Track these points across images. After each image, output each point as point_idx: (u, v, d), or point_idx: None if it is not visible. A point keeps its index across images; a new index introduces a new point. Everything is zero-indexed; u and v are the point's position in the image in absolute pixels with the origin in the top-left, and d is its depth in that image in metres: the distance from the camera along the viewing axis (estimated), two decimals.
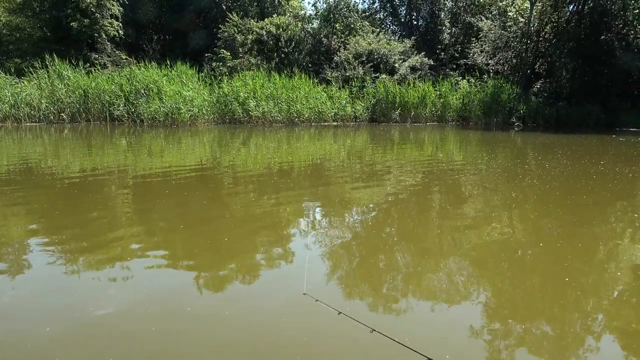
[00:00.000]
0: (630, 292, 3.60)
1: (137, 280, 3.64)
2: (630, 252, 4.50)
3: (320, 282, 3.63)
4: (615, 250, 4.54)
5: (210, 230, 4.94)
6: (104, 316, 3.05)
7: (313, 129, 17.24)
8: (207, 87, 18.50)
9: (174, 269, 3.89)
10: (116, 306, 3.18)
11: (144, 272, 3.81)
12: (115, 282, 3.58)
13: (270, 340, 2.78)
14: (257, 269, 3.95)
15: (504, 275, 3.89)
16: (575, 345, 2.88)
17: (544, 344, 2.86)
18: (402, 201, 6.45)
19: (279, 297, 3.39)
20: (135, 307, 3.20)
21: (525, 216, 5.75)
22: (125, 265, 3.88)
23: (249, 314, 3.10)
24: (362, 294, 3.50)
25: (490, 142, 14.71)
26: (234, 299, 3.39)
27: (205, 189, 6.86)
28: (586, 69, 23.53)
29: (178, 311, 3.13)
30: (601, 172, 8.56)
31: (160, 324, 2.97)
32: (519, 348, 2.82)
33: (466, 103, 22.34)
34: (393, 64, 22.51)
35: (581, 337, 2.97)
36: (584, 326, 3.08)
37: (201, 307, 3.20)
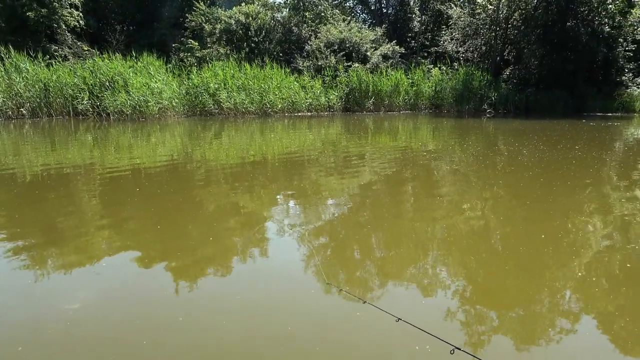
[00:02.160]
0: (608, 277, 3.52)
1: (115, 283, 3.33)
2: (619, 237, 4.44)
3: (334, 272, 3.42)
4: (609, 234, 4.48)
5: (189, 226, 4.63)
6: (71, 317, 2.78)
7: (287, 120, 16.92)
8: (176, 78, 17.89)
9: (156, 272, 3.59)
10: (91, 308, 2.88)
11: (118, 275, 3.50)
12: (86, 282, 3.27)
13: (292, 334, 2.55)
14: (251, 263, 3.70)
15: (521, 265, 3.75)
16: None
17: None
18: (383, 190, 6.28)
19: (293, 290, 3.15)
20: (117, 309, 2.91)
21: (519, 205, 5.66)
22: (99, 266, 3.56)
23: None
24: (379, 283, 3.33)
25: (464, 130, 14.74)
26: (236, 297, 3.13)
27: (178, 184, 6.51)
28: (553, 55, 23.90)
29: (170, 320, 2.85)
30: (580, 158, 8.61)
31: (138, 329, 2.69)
32: (546, 337, 2.66)
33: (438, 91, 22.43)
34: (365, 53, 22.33)
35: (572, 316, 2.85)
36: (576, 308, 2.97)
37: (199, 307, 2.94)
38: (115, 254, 3.97)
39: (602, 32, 23.16)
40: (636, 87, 24.96)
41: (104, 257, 3.86)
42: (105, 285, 3.35)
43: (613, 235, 4.51)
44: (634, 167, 8.24)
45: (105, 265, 3.68)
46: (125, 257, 3.88)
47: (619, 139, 12.52)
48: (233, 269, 3.71)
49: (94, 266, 3.66)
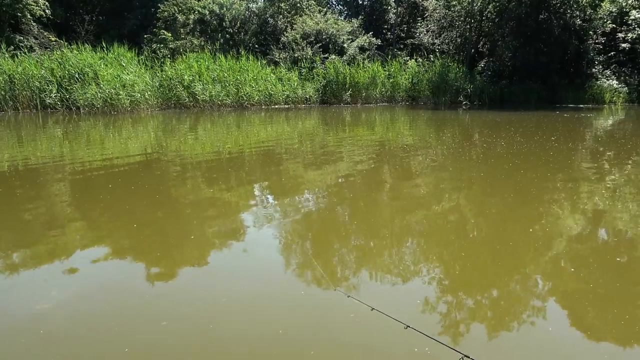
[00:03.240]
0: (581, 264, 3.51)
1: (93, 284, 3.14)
2: (601, 227, 4.45)
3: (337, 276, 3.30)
4: (586, 226, 4.49)
5: (167, 224, 4.45)
6: (43, 316, 2.60)
7: (264, 113, 16.68)
8: (149, 70, 17.39)
9: (135, 273, 3.41)
10: (64, 308, 2.70)
11: (93, 275, 3.30)
12: (58, 283, 3.07)
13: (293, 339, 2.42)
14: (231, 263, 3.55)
15: (519, 261, 3.70)
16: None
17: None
18: (362, 183, 6.19)
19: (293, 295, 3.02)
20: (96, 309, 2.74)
21: (503, 197, 5.64)
22: (71, 266, 3.36)
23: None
24: (383, 287, 3.22)
25: (442, 122, 14.79)
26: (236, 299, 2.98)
27: (153, 180, 6.28)
28: (527, 47, 24.25)
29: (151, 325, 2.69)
30: (557, 149, 8.70)
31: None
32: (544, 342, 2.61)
33: (415, 83, 22.49)
34: (342, 44, 22.19)
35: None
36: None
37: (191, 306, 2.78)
38: (89, 254, 3.76)
39: (574, 25, 23.60)
40: (606, 79, 25.58)
41: (76, 257, 3.65)
42: (78, 286, 3.16)
43: (597, 225, 4.52)
44: (609, 158, 8.37)
45: (79, 267, 3.48)
46: (100, 258, 3.68)
47: (592, 130, 12.76)
48: (215, 266, 3.55)
49: (66, 266, 3.46)
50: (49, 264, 3.56)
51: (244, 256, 3.84)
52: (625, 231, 4.37)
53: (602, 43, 25.77)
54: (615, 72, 26.18)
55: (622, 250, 3.90)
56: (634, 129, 13.45)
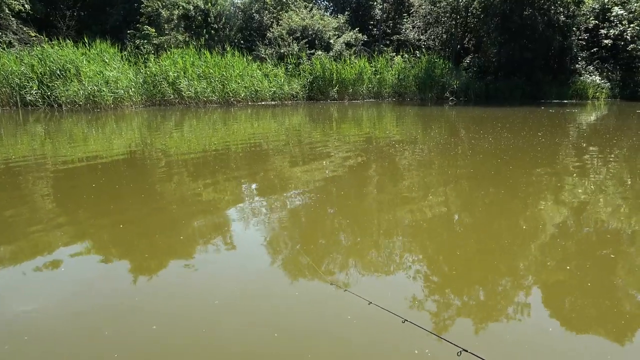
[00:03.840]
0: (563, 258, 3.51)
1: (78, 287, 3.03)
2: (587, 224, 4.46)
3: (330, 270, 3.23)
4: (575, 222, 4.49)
5: (154, 224, 4.33)
6: (26, 319, 2.47)
7: (250, 109, 16.53)
8: (132, 66, 17.09)
9: (122, 276, 3.30)
10: (48, 311, 2.59)
11: (78, 278, 3.19)
12: (42, 285, 2.95)
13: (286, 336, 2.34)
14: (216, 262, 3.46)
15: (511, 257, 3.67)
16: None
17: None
18: (351, 179, 6.13)
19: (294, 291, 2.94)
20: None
21: (496, 193, 5.63)
22: (56, 269, 3.24)
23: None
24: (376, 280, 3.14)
25: (429, 118, 14.81)
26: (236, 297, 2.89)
27: (138, 178, 6.14)
28: (512, 44, 24.44)
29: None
30: (544, 144, 8.74)
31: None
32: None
33: (401, 79, 22.48)
34: (328, 40, 22.08)
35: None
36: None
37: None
38: (73, 254, 3.64)
39: (558, 21, 23.82)
40: (589, 75, 25.90)
41: (60, 258, 3.53)
42: (63, 289, 3.04)
43: (594, 219, 4.53)
44: (595, 153, 8.44)
45: (63, 268, 3.36)
46: (85, 259, 3.57)
47: (578, 126, 12.89)
48: (206, 265, 3.46)
49: (50, 267, 3.34)
50: (31, 267, 3.43)
51: (235, 254, 3.76)
52: (611, 225, 4.38)
53: (585, 39, 26.09)
54: (598, 68, 26.53)
55: (617, 244, 3.91)
56: (618, 125, 13.61)
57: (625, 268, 3.51)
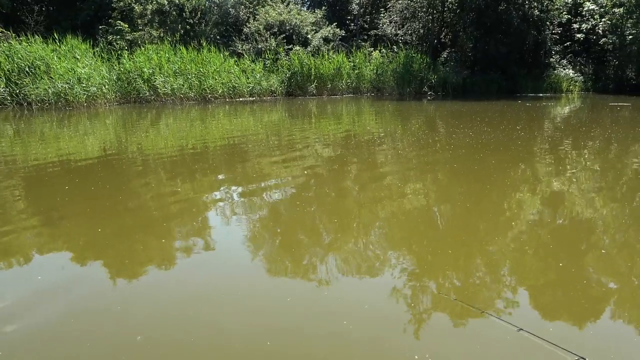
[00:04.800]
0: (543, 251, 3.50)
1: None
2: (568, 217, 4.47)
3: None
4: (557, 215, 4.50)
5: (133, 228, 4.15)
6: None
7: (228, 106, 16.27)
8: (105, 63, 16.60)
9: (102, 284, 3.13)
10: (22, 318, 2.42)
11: (54, 285, 3.01)
12: (16, 292, 2.77)
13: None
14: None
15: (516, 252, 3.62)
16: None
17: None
18: (333, 176, 6.04)
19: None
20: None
21: (482, 189, 5.60)
22: (30, 276, 3.05)
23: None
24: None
25: (408, 112, 14.82)
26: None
27: (114, 179, 5.92)
28: (487, 38, 24.66)
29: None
30: (524, 138, 8.80)
31: None
32: None
33: (380, 74, 22.47)
34: (306, 35, 21.92)
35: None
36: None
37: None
38: (48, 261, 3.45)
39: (532, 16, 24.14)
40: (562, 69, 26.38)
41: (34, 266, 3.34)
42: (39, 295, 2.86)
43: (588, 213, 4.54)
44: (575, 146, 8.54)
45: (37, 273, 3.18)
46: (61, 267, 3.38)
47: (555, 119, 13.07)
48: (191, 269, 3.32)
49: (23, 272, 3.15)
50: (2, 274, 3.23)
51: (216, 253, 3.63)
52: (592, 217, 4.40)
53: (558, 34, 26.54)
54: (571, 61, 27.04)
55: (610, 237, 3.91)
56: (593, 117, 13.86)
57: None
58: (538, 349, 2.35)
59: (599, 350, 2.38)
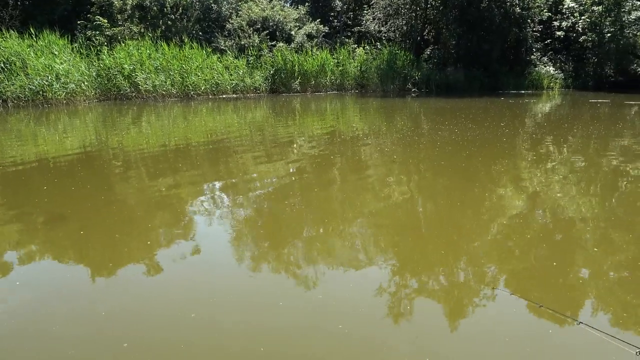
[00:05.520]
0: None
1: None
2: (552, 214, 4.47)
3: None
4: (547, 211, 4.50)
5: (117, 230, 4.01)
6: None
7: (211, 103, 16.04)
8: (84, 59, 16.21)
9: (88, 290, 3.00)
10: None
11: (35, 292, 2.87)
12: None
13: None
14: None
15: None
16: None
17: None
18: (319, 174, 5.96)
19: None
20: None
21: (471, 187, 5.58)
22: (9, 283, 2.91)
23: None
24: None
25: (393, 110, 14.80)
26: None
27: (95, 179, 5.74)
28: (470, 35, 24.80)
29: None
30: (508, 135, 8.85)
31: None
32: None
33: (364, 71, 22.43)
34: (289, 32, 21.74)
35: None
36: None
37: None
38: (28, 265, 3.31)
39: (514, 13, 24.35)
40: (543, 66, 26.71)
41: (15, 271, 3.19)
42: (18, 301, 2.73)
43: (566, 207, 4.55)
44: (560, 143, 8.60)
45: (18, 283, 3.03)
46: (43, 271, 3.24)
47: (537, 116, 13.19)
48: (178, 273, 3.20)
49: (2, 275, 3.01)
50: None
51: (207, 259, 3.52)
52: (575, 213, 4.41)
53: (539, 31, 26.85)
54: (551, 59, 27.39)
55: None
56: (575, 114, 14.03)
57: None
58: (598, 343, 2.33)
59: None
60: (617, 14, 24.88)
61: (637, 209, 4.60)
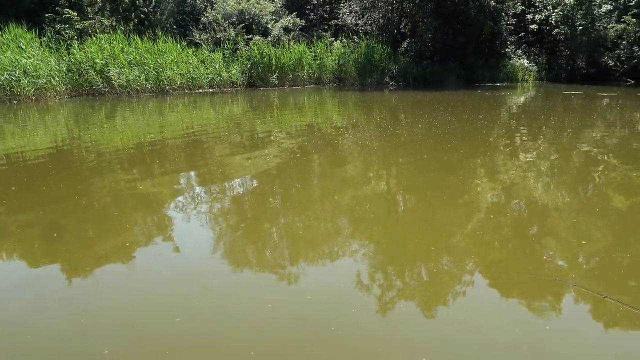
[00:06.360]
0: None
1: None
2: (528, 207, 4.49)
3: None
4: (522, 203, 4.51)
5: (93, 231, 3.84)
6: None
7: (187, 98, 15.73)
8: (54, 53, 15.67)
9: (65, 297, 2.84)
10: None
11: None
12: None
13: None
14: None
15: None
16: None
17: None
18: (302, 170, 5.87)
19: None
20: None
21: (457, 179, 5.56)
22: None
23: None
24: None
25: (372, 103, 14.77)
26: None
27: (68, 177, 5.52)
28: (446, 28, 24.91)
29: None
30: (487, 127, 8.90)
31: None
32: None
33: (342, 64, 22.35)
34: (265, 25, 21.48)
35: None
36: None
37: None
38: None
39: (488, 6, 24.57)
40: (518, 59, 27.08)
41: None
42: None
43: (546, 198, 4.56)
44: (538, 132, 8.70)
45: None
46: (14, 277, 3.06)
47: (514, 107, 13.34)
48: (161, 274, 3.08)
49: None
50: None
51: (180, 252, 3.40)
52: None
53: (513, 24, 27.18)
54: (525, 51, 27.77)
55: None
56: (550, 106, 14.21)
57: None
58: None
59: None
60: (588, 7, 25.35)
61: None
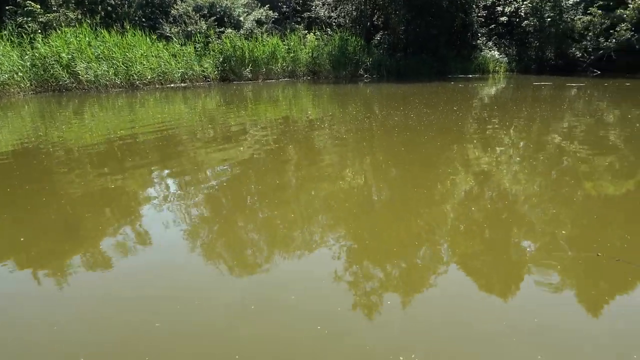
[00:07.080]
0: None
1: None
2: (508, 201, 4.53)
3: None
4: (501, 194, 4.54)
5: (65, 230, 3.68)
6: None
7: (158, 92, 15.36)
8: (16, 47, 15.06)
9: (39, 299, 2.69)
10: None
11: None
12: None
13: None
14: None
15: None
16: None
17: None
18: (275, 163, 5.79)
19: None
20: None
21: (439, 171, 5.55)
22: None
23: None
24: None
25: (347, 96, 14.73)
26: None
27: (35, 177, 5.29)
28: (418, 20, 25.02)
29: None
30: (462, 119, 8.96)
31: None
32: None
33: (315, 57, 22.21)
34: (237, 18, 21.17)
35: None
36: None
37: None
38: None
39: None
40: (488, 50, 27.45)
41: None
42: None
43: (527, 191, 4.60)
44: (513, 122, 8.80)
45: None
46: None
47: (486, 98, 13.51)
48: (141, 278, 2.95)
49: None
50: None
51: (156, 252, 3.28)
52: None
53: (484, 16, 27.50)
54: (496, 43, 28.16)
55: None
56: (521, 97, 14.43)
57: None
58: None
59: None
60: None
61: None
